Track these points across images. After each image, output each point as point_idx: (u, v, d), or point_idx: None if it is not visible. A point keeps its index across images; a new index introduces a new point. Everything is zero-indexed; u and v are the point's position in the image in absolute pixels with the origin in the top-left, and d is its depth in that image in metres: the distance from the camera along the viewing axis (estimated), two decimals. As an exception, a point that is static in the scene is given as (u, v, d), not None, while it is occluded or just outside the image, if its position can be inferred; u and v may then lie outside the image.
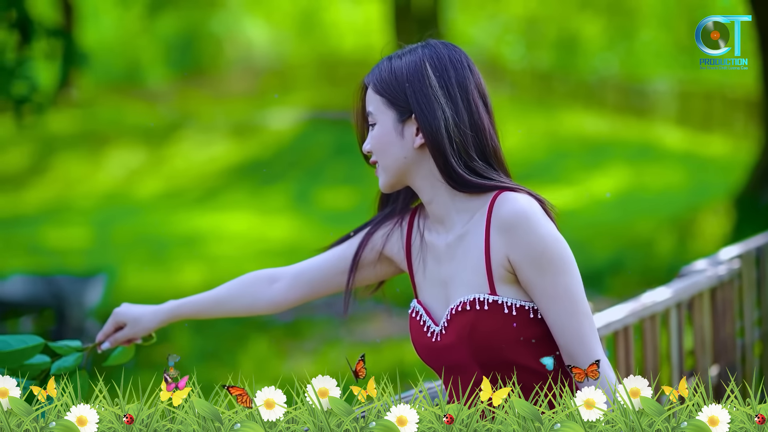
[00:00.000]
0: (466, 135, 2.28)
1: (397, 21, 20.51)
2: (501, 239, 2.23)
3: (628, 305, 3.52)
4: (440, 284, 2.35)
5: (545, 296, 2.21)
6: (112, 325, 2.63)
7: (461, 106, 2.28)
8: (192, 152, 20.52)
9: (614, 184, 15.41)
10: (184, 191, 17.98)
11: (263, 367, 8.03)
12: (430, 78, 2.29)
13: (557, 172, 16.40)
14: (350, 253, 2.52)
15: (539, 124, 19.92)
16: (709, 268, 3.93)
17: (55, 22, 21.34)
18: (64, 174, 19.75)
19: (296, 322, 9.36)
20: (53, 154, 20.62)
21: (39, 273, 11.17)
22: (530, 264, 2.21)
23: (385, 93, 2.32)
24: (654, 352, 3.60)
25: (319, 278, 2.56)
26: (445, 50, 2.33)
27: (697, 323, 3.84)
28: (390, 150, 2.32)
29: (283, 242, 13.22)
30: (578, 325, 2.21)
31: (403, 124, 2.31)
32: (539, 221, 2.21)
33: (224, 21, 28.58)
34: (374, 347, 8.12)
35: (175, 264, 12.13)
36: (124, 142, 21.05)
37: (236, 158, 19.87)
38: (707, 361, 3.87)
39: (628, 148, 17.95)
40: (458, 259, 2.31)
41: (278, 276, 2.59)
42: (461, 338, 2.27)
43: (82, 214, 16.65)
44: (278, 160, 19.17)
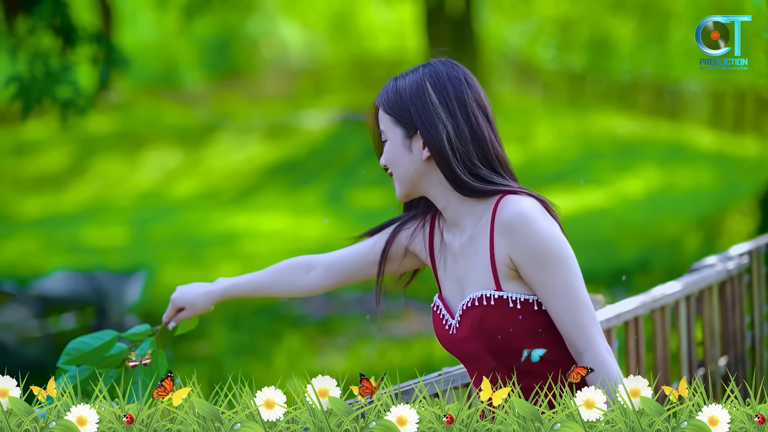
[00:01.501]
0: (467, 145, 2.47)
1: (430, 23, 20.57)
2: (503, 240, 2.43)
3: (638, 298, 3.70)
4: (457, 281, 2.55)
5: (545, 290, 2.40)
6: (173, 310, 2.85)
7: (461, 119, 2.48)
8: (227, 153, 20.73)
9: (644, 185, 15.47)
10: (220, 191, 18.21)
11: (296, 362, 8.20)
12: (430, 95, 2.49)
13: (588, 172, 16.49)
14: (379, 247, 2.72)
15: (571, 125, 19.98)
16: (719, 264, 4.11)
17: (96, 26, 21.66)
18: (104, 174, 20.01)
19: (329, 319, 9.52)
20: (93, 156, 20.88)
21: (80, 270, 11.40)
22: (530, 261, 2.40)
23: (393, 112, 2.53)
24: (663, 342, 3.79)
25: (350, 268, 2.75)
26: (443, 68, 2.53)
27: (706, 316, 4.02)
28: (401, 163, 2.53)
29: (316, 241, 13.39)
30: (578, 315, 2.39)
31: (411, 140, 2.51)
32: (537, 221, 2.40)
33: (260, 23, 28.80)
34: (404, 343, 8.31)
35: (211, 262, 12.29)
36: (162, 143, 21.30)
37: (271, 159, 20.05)
38: (716, 352, 4.06)
39: (659, 148, 17.97)
40: (470, 258, 2.51)
41: (314, 264, 2.79)
42: (473, 331, 2.46)
43: (120, 213, 16.88)
44: (312, 160, 19.35)
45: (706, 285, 3.99)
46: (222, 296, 2.87)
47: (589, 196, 14.77)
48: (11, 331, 9.49)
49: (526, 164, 17.36)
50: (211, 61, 28.85)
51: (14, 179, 19.88)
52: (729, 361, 4.16)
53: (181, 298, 2.85)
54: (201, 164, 20.28)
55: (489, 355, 2.47)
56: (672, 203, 13.77)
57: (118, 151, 20.91)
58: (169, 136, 21.60)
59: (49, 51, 6.84)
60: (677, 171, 16.11)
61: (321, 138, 20.38)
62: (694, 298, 3.96)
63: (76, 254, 13.39)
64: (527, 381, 2.45)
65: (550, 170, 16.81)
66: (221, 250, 13.00)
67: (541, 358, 2.45)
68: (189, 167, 20.16)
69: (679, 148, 18.04)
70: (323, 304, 10.07)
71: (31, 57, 6.74)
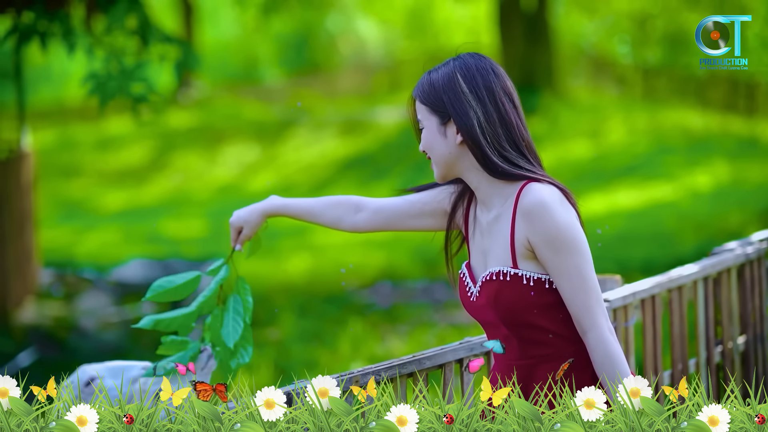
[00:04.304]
0: (496, 129, 2.74)
1: (503, 19, 20.68)
2: (523, 223, 2.70)
3: (655, 278, 3.95)
4: (482, 254, 2.83)
5: (558, 272, 2.68)
6: (234, 232, 3.15)
7: (489, 105, 2.75)
8: (303, 147, 21.05)
9: (713, 179, 15.46)
10: (295, 185, 18.53)
11: (359, 347, 8.42)
12: (461, 85, 2.77)
13: (658, 166, 16.52)
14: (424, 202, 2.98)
15: (645, 120, 19.99)
16: (738, 248, 4.34)
17: (172, 28, 22.05)
18: (184, 168, 20.42)
19: (394, 308, 9.72)
20: (173, 150, 21.32)
21: (156, 258, 11.68)
22: (546, 245, 2.68)
23: (428, 102, 2.81)
24: (681, 320, 4.03)
25: (393, 217, 3.02)
26: (472, 60, 2.81)
27: (724, 296, 4.25)
28: (437, 148, 2.81)
29: (387, 233, 13.62)
30: (585, 297, 2.67)
31: (445, 126, 2.79)
32: (555, 209, 2.67)
33: (338, 20, 29.13)
34: (463, 329, 8.52)
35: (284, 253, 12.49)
36: (240, 138, 21.68)
37: (345, 153, 20.33)
38: (735, 331, 4.29)
39: (731, 143, 17.92)
40: (494, 235, 2.79)
41: (363, 206, 3.06)
42: (489, 302, 2.75)
43: (199, 206, 17.24)
44: (385, 155, 19.59)
45: (723, 267, 4.21)
46: (272, 211, 3.12)
47: (658, 190, 14.83)
48: (91, 316, 9.74)
49: (597, 159, 17.46)
50: (290, 58, 29.26)
51: (97, 173, 20.41)
52: (747, 340, 4.38)
53: (236, 219, 3.13)
54: (277, 158, 20.63)
55: (502, 324, 2.75)
56: (739, 197, 13.78)
57: (197, 146, 21.33)
58: (247, 131, 21.97)
59: (124, 49, 7.13)
60: (748, 165, 16.04)
61: (394, 133, 20.61)
62: (711, 279, 4.19)
63: (155, 244, 13.69)
64: (535, 350, 2.73)
65: (620, 164, 16.89)
66: (294, 242, 13.19)
67: (549, 331, 2.72)
68: (266, 161, 20.52)
69: (752, 143, 17.95)
70: (390, 294, 10.29)
71: (107, 55, 7.04)
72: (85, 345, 8.88)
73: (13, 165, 10.10)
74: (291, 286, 10.71)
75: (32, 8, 7.04)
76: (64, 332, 9.33)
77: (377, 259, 11.65)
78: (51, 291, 10.71)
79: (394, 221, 3.02)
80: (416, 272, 11.00)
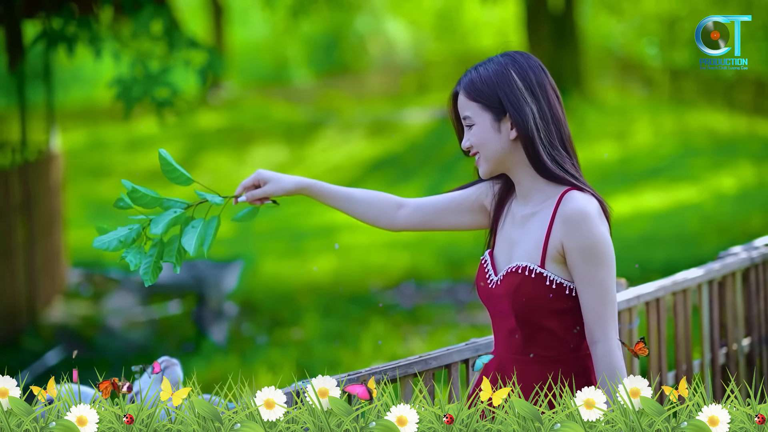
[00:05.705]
0: (549, 125, 2.81)
1: (531, 20, 20.74)
2: (561, 228, 2.78)
3: (660, 281, 4.04)
4: (509, 244, 2.90)
5: (583, 281, 2.76)
6: (253, 180, 2.97)
7: (543, 102, 2.82)
8: (331, 148, 21.14)
9: (738, 181, 15.45)
10: (323, 185, 18.59)
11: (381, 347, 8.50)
12: (516, 82, 2.82)
13: (684, 168, 16.53)
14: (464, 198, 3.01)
15: (671, 122, 19.98)
16: (743, 253, 4.43)
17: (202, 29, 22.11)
18: (213, 169, 20.52)
19: (417, 308, 9.79)
20: (202, 151, 21.43)
21: (184, 259, 11.70)
22: (579, 253, 2.76)
23: (480, 99, 2.84)
24: (685, 322, 4.12)
25: (433, 213, 3.03)
26: (522, 58, 2.86)
27: (729, 299, 4.33)
28: (490, 144, 2.85)
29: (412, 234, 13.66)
30: (602, 309, 2.75)
31: (500, 123, 2.83)
32: (594, 221, 2.76)
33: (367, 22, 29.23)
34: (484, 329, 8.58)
35: (309, 254, 12.55)
36: (269, 139, 21.79)
37: (372, 154, 20.40)
38: (739, 333, 4.37)
39: (757, 145, 17.89)
40: (526, 229, 2.86)
41: (404, 204, 3.05)
42: (507, 292, 2.82)
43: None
44: (412, 156, 19.66)
45: (728, 271, 4.29)
46: (307, 185, 2.97)
47: (682, 192, 14.85)
48: (118, 316, 9.85)
49: (623, 160, 17.47)
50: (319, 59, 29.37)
51: (127, 173, 20.56)
52: (752, 342, 4.46)
53: (268, 172, 2.97)
54: (306, 159, 20.74)
55: (513, 316, 2.83)
56: (763, 199, 13.78)
57: (226, 147, 21.45)
58: (276, 132, 22.09)
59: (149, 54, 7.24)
60: (773, 168, 16.06)
61: (422, 134, 20.69)
62: (716, 283, 4.27)
63: (182, 245, 13.80)
64: (535, 349, 2.81)
65: (646, 166, 16.90)
66: (320, 242, 13.22)
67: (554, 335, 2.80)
68: (294, 162, 20.62)
69: (778, 145, 17.95)
70: (413, 295, 10.36)
71: (132, 60, 7.17)
72: (111, 344, 9.01)
73: (42, 166, 10.24)
74: (316, 287, 10.80)
75: (60, 13, 7.16)
76: (92, 331, 9.45)
77: (402, 260, 11.72)
78: (79, 290, 10.85)
79: (433, 218, 3.02)
80: (440, 273, 11.06)
